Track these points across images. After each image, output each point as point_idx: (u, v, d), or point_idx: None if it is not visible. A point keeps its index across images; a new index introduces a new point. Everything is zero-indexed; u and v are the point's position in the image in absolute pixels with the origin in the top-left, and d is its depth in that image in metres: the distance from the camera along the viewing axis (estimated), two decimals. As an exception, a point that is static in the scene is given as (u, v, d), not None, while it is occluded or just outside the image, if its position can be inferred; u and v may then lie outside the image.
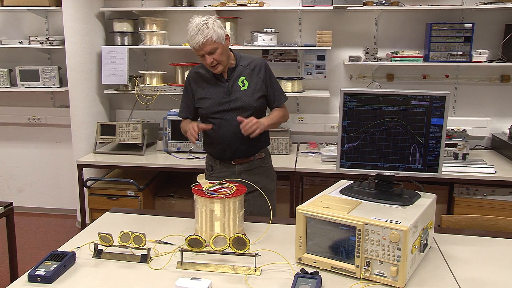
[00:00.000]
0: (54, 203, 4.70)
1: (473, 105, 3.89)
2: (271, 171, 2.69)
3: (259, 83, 2.49)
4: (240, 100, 2.46)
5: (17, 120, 4.51)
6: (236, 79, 2.48)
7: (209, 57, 2.34)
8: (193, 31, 2.30)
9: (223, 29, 2.37)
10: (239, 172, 2.55)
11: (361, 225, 1.60)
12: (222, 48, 2.35)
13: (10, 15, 4.35)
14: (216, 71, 2.42)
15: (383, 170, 1.91)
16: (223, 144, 2.51)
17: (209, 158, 2.65)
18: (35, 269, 1.65)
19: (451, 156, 3.39)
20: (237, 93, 2.47)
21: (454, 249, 1.91)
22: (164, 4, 4.09)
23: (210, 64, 2.37)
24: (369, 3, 3.63)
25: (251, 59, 2.53)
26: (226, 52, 2.40)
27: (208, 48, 2.31)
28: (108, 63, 3.93)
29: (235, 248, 1.72)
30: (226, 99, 2.46)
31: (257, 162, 2.59)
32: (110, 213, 2.33)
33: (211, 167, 2.62)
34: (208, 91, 2.50)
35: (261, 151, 2.61)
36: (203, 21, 2.31)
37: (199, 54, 2.36)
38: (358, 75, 3.96)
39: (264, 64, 2.54)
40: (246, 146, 2.51)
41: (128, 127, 3.71)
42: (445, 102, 1.80)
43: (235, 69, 2.49)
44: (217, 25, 2.33)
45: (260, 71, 2.50)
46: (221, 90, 2.48)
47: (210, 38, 2.28)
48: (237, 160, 2.55)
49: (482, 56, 3.57)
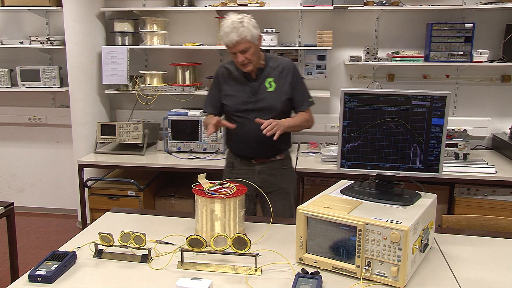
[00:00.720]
0: (55, 203, 4.70)
1: (474, 105, 3.88)
2: (291, 172, 2.68)
3: (286, 86, 2.49)
4: (266, 101, 2.46)
5: (17, 120, 4.52)
6: (263, 80, 2.48)
7: (241, 56, 2.34)
8: (228, 28, 2.30)
9: (257, 29, 2.38)
10: (258, 172, 2.56)
11: (362, 225, 1.60)
12: (254, 48, 2.36)
13: (10, 15, 4.35)
14: (246, 70, 2.42)
15: (383, 170, 1.91)
16: (244, 143, 2.52)
17: (230, 155, 2.66)
18: (36, 269, 1.65)
19: (451, 156, 3.39)
20: (263, 93, 2.47)
21: (455, 249, 1.91)
22: (165, 4, 4.09)
23: (241, 62, 2.37)
24: (369, 3, 3.63)
25: (280, 61, 2.53)
26: (257, 52, 2.42)
27: (242, 46, 2.31)
28: (108, 63, 3.94)
29: (236, 248, 1.72)
30: (251, 99, 2.47)
31: (278, 163, 2.59)
32: (111, 213, 2.33)
33: (232, 164, 2.63)
34: (234, 89, 2.50)
35: (282, 153, 2.61)
36: (238, 19, 2.31)
37: (231, 51, 2.37)
38: (358, 75, 3.96)
39: (293, 66, 2.53)
40: (267, 147, 2.51)
41: (129, 127, 3.71)
42: (446, 102, 1.80)
43: (263, 70, 2.49)
44: (252, 25, 2.34)
45: (288, 74, 2.50)
46: (248, 89, 2.48)
47: (244, 37, 2.29)
48: (258, 160, 2.56)
49: (483, 56, 3.57)
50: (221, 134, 3.60)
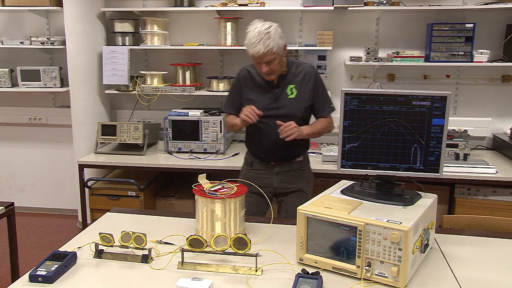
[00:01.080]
0: (55, 203, 4.70)
1: (474, 105, 3.88)
2: (308, 173, 2.69)
3: (307, 93, 2.48)
4: (286, 108, 2.45)
5: (18, 120, 4.52)
6: (285, 87, 2.47)
7: (265, 67, 2.32)
8: (254, 38, 2.25)
9: (283, 39, 2.34)
10: (277, 172, 2.57)
11: (362, 225, 1.60)
12: (279, 59, 2.35)
13: (11, 15, 4.35)
14: (269, 79, 2.42)
15: (384, 171, 1.91)
16: (263, 148, 2.53)
17: (249, 155, 2.67)
18: (36, 269, 1.66)
19: (452, 157, 3.39)
20: (284, 100, 2.46)
21: (455, 249, 1.91)
22: (165, 4, 4.09)
23: (265, 72, 2.35)
24: (370, 3, 3.63)
25: (302, 66, 2.51)
26: (282, 62, 2.40)
27: (267, 58, 2.28)
28: (109, 63, 3.94)
29: (236, 248, 1.72)
30: (272, 106, 2.46)
31: (296, 165, 2.60)
32: (111, 213, 2.33)
33: (251, 163, 2.64)
34: (255, 94, 2.49)
35: (301, 155, 2.61)
36: (265, 29, 2.26)
37: (255, 62, 2.35)
38: (359, 75, 3.96)
39: (314, 72, 2.51)
40: (286, 152, 2.52)
41: (129, 127, 3.71)
42: (446, 102, 1.80)
43: (285, 77, 2.47)
44: (278, 35, 2.30)
45: (310, 80, 2.48)
46: (269, 96, 2.47)
47: (270, 49, 2.25)
48: (276, 161, 2.57)
49: (483, 56, 3.57)
50: (221, 134, 3.60)
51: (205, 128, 3.62)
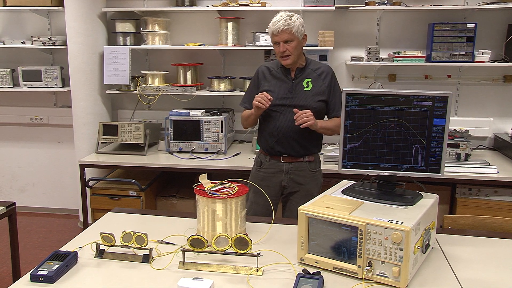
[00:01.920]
0: (56, 203, 4.71)
1: (476, 106, 3.88)
2: (318, 176, 2.70)
3: (322, 88, 2.57)
4: (301, 99, 2.54)
5: (19, 120, 4.52)
6: (301, 80, 2.57)
7: (283, 45, 2.46)
8: (277, 18, 2.46)
9: (304, 28, 2.51)
10: (286, 171, 2.61)
11: (363, 225, 1.60)
12: (297, 43, 2.48)
13: (12, 15, 4.36)
14: (285, 63, 2.52)
15: (385, 171, 1.91)
16: (275, 137, 2.57)
17: (260, 154, 2.72)
18: (38, 269, 1.66)
19: (453, 157, 3.38)
20: (300, 92, 2.56)
21: (457, 249, 1.91)
22: (166, 4, 4.09)
23: (282, 53, 2.48)
24: (371, 3, 3.63)
25: (320, 65, 2.65)
26: (299, 49, 2.53)
27: (285, 36, 2.44)
28: (110, 63, 3.94)
29: (237, 248, 1.72)
30: (288, 95, 2.55)
31: (306, 165, 2.62)
32: (112, 213, 2.33)
33: (260, 163, 2.68)
34: (273, 84, 2.59)
35: (311, 155, 2.64)
36: (289, 14, 2.48)
37: (274, 40, 2.48)
38: (360, 75, 3.95)
39: (331, 72, 2.63)
40: (297, 144, 2.57)
41: (130, 127, 3.72)
42: (448, 102, 1.80)
43: (303, 70, 2.59)
44: (300, 22, 2.49)
45: (326, 78, 2.59)
46: (286, 86, 2.57)
47: (290, 28, 2.43)
48: (286, 158, 2.60)
49: (485, 56, 3.57)
50: (223, 134, 3.60)
51: (206, 128, 3.62)
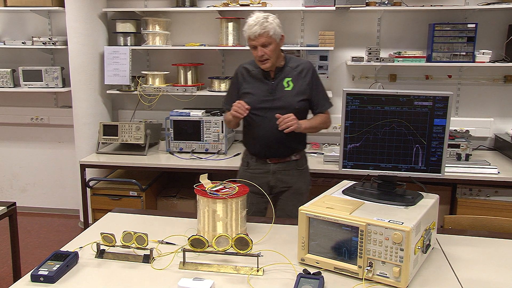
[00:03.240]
0: (57, 203, 4.71)
1: (476, 106, 3.88)
2: (305, 173, 2.69)
3: (303, 86, 2.52)
4: (283, 100, 2.49)
5: (20, 120, 4.53)
6: (282, 79, 2.51)
7: (261, 50, 2.39)
8: (252, 21, 2.38)
9: (281, 29, 2.44)
10: (273, 171, 2.58)
11: (364, 225, 1.60)
12: (275, 45, 2.41)
13: (13, 16, 4.36)
14: (264, 67, 2.46)
15: (385, 171, 1.91)
16: (260, 141, 2.54)
17: (246, 154, 2.69)
18: (38, 269, 1.66)
19: (454, 157, 3.38)
20: (280, 92, 2.50)
21: (457, 250, 1.91)
22: (167, 4, 4.10)
23: (260, 57, 2.41)
24: (371, 4, 3.63)
25: (299, 61, 2.58)
26: (277, 51, 2.46)
27: (263, 40, 2.37)
28: (110, 64, 3.94)
29: (238, 249, 1.72)
30: (269, 97, 2.50)
31: (293, 164, 2.60)
32: (113, 213, 2.33)
33: (247, 163, 2.65)
34: (252, 86, 2.54)
35: (297, 153, 2.62)
36: (264, 15, 2.40)
37: (252, 44, 2.41)
38: (360, 75, 3.95)
39: (312, 68, 2.57)
40: (283, 146, 2.54)
41: (131, 127, 3.72)
42: (448, 102, 1.80)
43: (282, 70, 2.52)
44: (276, 23, 2.41)
45: (307, 75, 2.53)
46: (266, 88, 2.51)
47: (267, 32, 2.36)
48: (273, 159, 2.58)
49: (485, 56, 3.57)
50: (223, 134, 3.60)
51: (206, 128, 3.62)
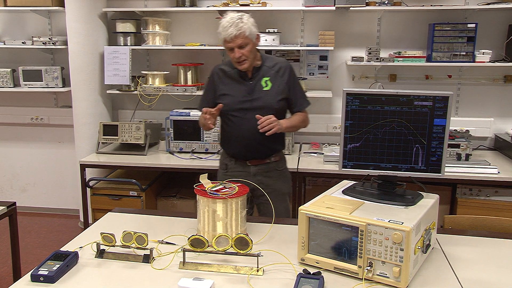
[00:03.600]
0: (57, 203, 4.71)
1: (476, 106, 3.88)
2: (286, 174, 2.68)
3: (282, 85, 2.49)
4: (262, 100, 2.46)
5: (20, 120, 4.52)
6: (259, 79, 2.48)
7: (238, 51, 2.35)
8: (227, 23, 2.33)
9: (256, 28, 2.40)
10: (254, 174, 2.54)
11: (364, 225, 1.60)
12: (251, 45, 2.38)
13: (13, 16, 4.36)
14: (241, 68, 2.42)
15: (385, 171, 1.91)
16: (240, 143, 2.50)
17: (224, 157, 2.64)
18: (38, 269, 1.66)
19: (454, 157, 3.38)
20: (259, 92, 2.47)
21: (457, 250, 1.91)
22: (167, 4, 4.09)
23: (237, 59, 2.37)
24: (371, 4, 3.63)
25: (276, 60, 2.54)
26: (254, 51, 2.43)
27: (239, 41, 2.33)
28: (110, 63, 3.94)
29: (238, 249, 1.72)
30: (247, 98, 2.46)
31: (273, 165, 2.58)
32: (113, 213, 2.33)
33: (226, 165, 2.61)
34: (230, 88, 2.50)
35: (277, 154, 2.60)
36: (238, 15, 2.35)
37: (228, 46, 2.37)
38: (360, 75, 3.95)
39: (289, 67, 2.54)
40: (263, 147, 2.51)
41: (131, 127, 3.72)
42: (448, 102, 1.80)
43: (260, 69, 2.49)
44: (251, 22, 2.38)
45: (284, 74, 2.50)
46: (244, 88, 2.48)
47: (243, 32, 2.32)
48: (253, 161, 2.54)
49: (485, 56, 3.57)
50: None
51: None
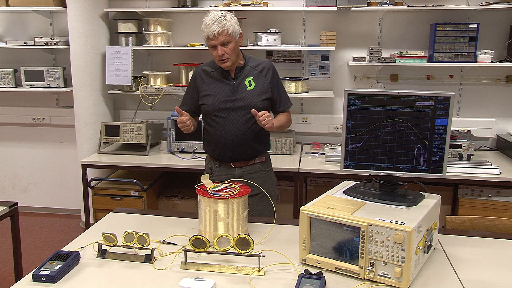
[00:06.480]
0: (59, 203, 4.72)
1: (478, 106, 3.87)
2: (271, 175, 2.66)
3: (265, 85, 2.48)
4: (245, 100, 2.43)
5: (21, 120, 4.53)
6: (243, 79, 2.47)
7: (220, 49, 2.34)
8: (210, 20, 2.32)
9: (238, 26, 2.39)
10: (239, 176, 2.51)
11: (365, 226, 1.60)
12: (234, 44, 2.37)
13: (15, 16, 4.37)
14: (224, 66, 2.41)
15: (387, 171, 1.91)
16: (224, 144, 2.47)
17: (209, 161, 2.62)
18: (40, 269, 1.66)
19: (455, 157, 3.38)
20: (242, 92, 2.45)
21: (459, 250, 1.90)
22: (168, 4, 4.10)
23: (220, 57, 2.36)
24: (373, 4, 3.63)
25: (259, 61, 2.53)
26: (237, 50, 2.41)
27: (222, 38, 2.31)
28: (112, 64, 3.94)
29: (239, 249, 1.72)
30: (231, 98, 2.44)
31: (258, 166, 2.56)
32: (114, 213, 2.33)
33: (211, 170, 2.58)
34: (213, 88, 2.48)
35: (262, 155, 2.58)
36: (221, 13, 2.34)
37: (211, 44, 2.36)
38: (362, 75, 3.95)
39: (272, 67, 2.53)
40: (248, 148, 2.49)
41: (132, 128, 3.72)
42: (450, 102, 1.80)
43: (243, 69, 2.48)
44: (234, 21, 2.37)
45: (267, 74, 2.49)
46: (227, 88, 2.46)
47: (226, 30, 2.30)
48: (237, 163, 2.52)
49: (487, 56, 3.56)
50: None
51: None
